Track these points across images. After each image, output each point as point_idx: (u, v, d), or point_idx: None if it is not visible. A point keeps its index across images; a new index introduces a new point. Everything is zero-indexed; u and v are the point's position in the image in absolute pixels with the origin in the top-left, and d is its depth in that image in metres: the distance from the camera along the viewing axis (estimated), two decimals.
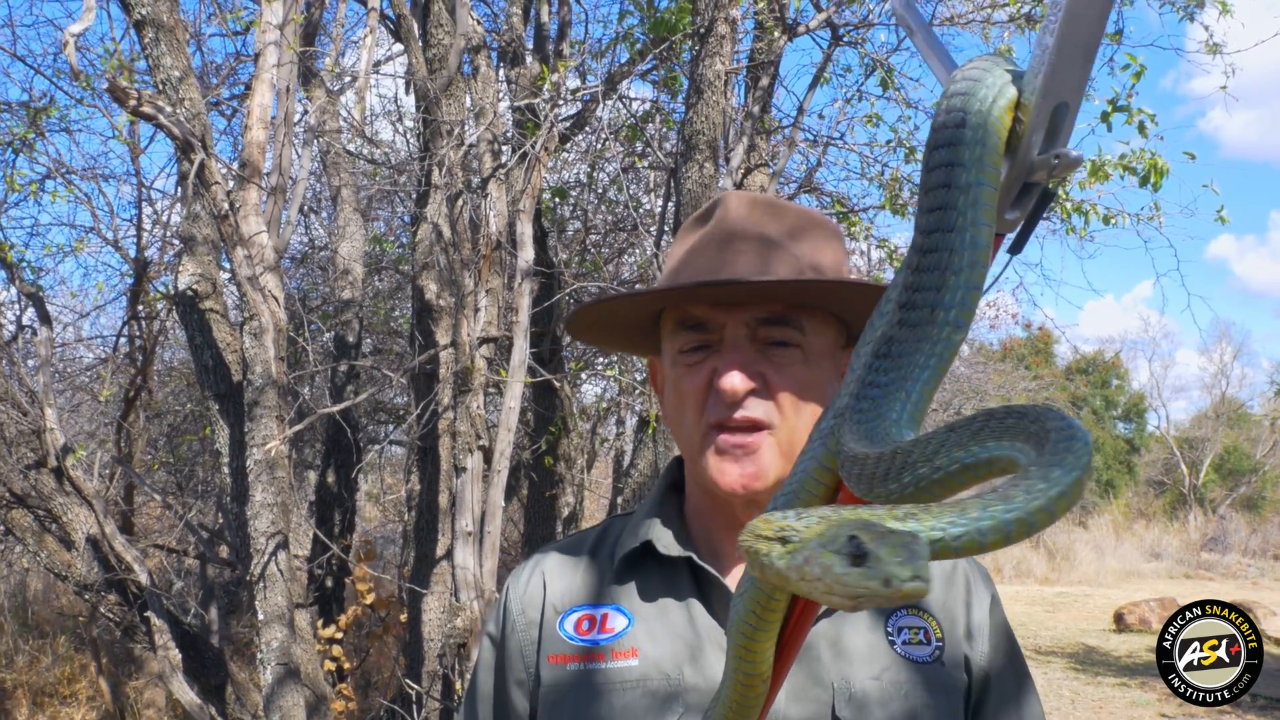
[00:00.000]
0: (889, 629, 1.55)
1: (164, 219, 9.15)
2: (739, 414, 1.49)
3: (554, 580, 1.64)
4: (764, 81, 6.79)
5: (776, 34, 6.71)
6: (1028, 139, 0.87)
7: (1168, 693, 11.75)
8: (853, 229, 7.43)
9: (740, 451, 1.50)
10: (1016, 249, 0.98)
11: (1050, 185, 0.92)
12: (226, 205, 5.19)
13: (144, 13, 5.49)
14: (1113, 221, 6.92)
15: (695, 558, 1.57)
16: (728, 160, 6.34)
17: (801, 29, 6.93)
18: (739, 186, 6.75)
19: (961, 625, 1.59)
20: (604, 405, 9.76)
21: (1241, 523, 29.21)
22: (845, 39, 7.27)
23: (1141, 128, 6.40)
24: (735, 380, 1.48)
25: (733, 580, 1.56)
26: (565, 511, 8.09)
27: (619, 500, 10.70)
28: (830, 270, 1.57)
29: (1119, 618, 16.66)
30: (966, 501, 0.71)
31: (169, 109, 5.16)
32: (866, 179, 7.78)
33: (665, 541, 1.59)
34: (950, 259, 0.85)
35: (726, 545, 1.61)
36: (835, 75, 7.76)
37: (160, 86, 5.57)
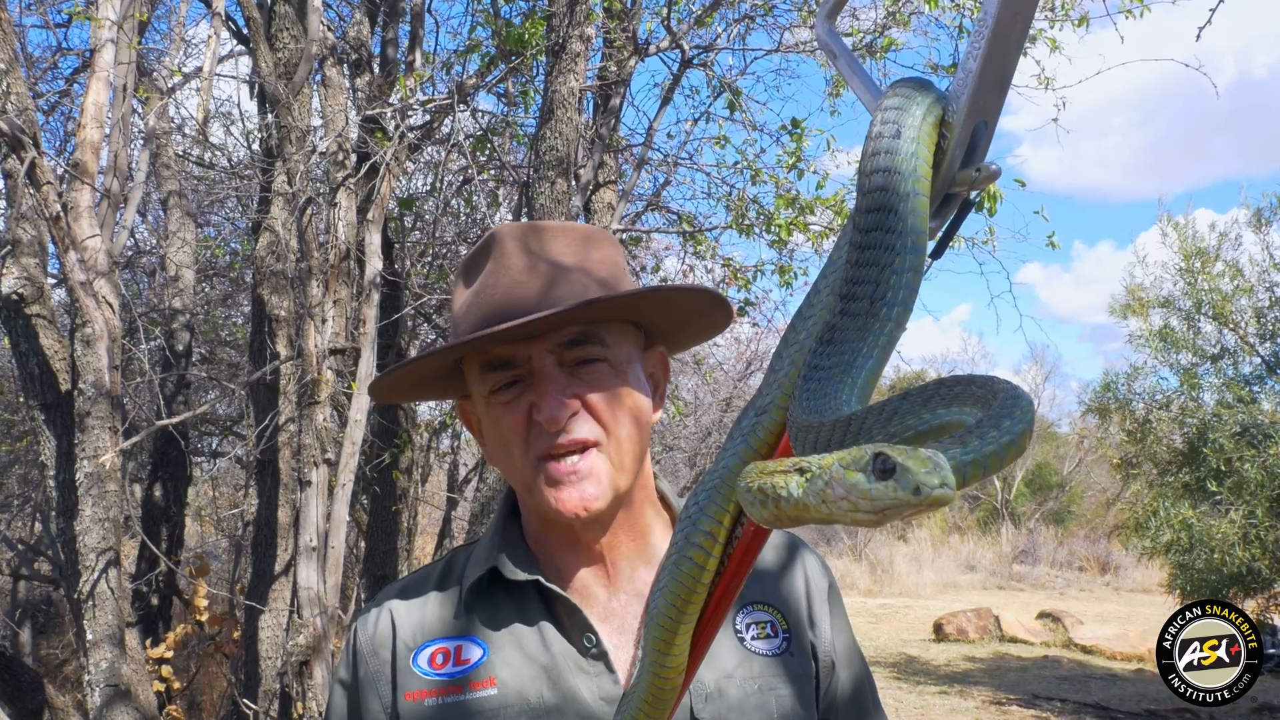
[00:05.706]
0: (737, 626, 1.61)
1: None
2: (564, 439, 1.52)
3: (402, 618, 1.64)
4: (614, 100, 6.86)
5: (627, 54, 6.80)
6: (951, 153, 0.95)
7: (986, 699, 12.29)
8: (699, 247, 7.56)
9: (574, 477, 1.52)
10: (937, 254, 1.06)
11: (969, 196, 1.00)
12: (58, 207, 4.95)
13: None
14: (950, 245, 7.20)
15: (542, 580, 1.59)
16: (578, 177, 6.37)
17: (651, 49, 7.03)
18: (587, 204, 6.79)
19: (804, 614, 1.67)
20: (449, 418, 9.65)
21: (1050, 536, 30.77)
22: (694, 61, 7.41)
23: None
24: (554, 409, 1.51)
25: (578, 598, 1.60)
26: (403, 526, 7.96)
27: (453, 514, 10.62)
28: (613, 276, 1.62)
29: (938, 628, 17.34)
30: (929, 446, 0.76)
31: None
32: (713, 199, 7.92)
33: (510, 567, 1.61)
34: (890, 257, 0.91)
35: (570, 565, 1.64)
36: (684, 96, 7.89)
37: None
